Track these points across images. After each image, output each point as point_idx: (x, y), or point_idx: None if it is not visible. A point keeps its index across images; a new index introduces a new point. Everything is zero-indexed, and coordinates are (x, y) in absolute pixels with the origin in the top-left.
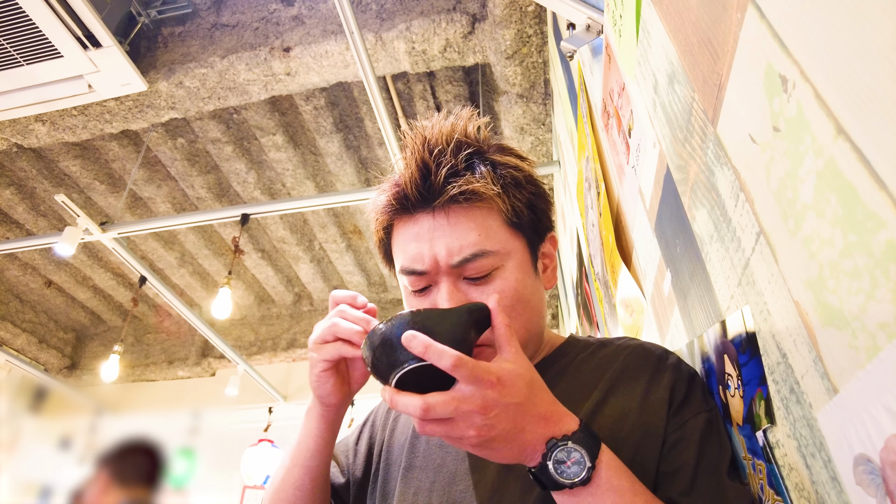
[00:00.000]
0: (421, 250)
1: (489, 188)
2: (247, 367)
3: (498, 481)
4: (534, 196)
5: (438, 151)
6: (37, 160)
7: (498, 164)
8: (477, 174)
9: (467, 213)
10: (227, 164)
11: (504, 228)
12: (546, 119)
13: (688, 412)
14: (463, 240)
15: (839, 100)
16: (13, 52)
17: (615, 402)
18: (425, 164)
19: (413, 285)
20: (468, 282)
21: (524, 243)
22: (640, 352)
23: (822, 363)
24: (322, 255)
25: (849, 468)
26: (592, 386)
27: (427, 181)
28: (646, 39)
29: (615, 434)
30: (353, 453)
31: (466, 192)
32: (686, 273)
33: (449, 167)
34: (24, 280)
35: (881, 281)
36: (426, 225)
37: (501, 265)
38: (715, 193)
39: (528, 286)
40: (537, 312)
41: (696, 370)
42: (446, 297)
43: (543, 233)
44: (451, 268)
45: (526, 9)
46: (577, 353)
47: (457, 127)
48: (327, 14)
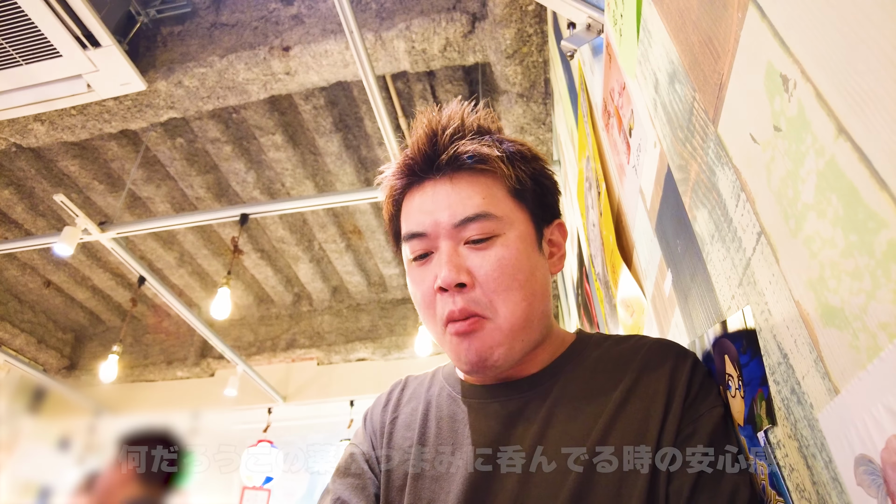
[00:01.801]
0: (423, 212)
1: (494, 151)
2: (246, 368)
3: (518, 488)
4: (539, 173)
5: (447, 120)
6: (35, 160)
7: (505, 139)
8: (484, 141)
9: (472, 177)
10: (226, 164)
11: (508, 199)
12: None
13: (703, 406)
14: (466, 201)
15: (840, 99)
16: (12, 51)
17: (638, 403)
18: (433, 130)
19: (413, 251)
20: (469, 247)
21: (528, 217)
22: (659, 349)
23: (823, 363)
24: (322, 256)
25: (850, 469)
26: (612, 387)
27: (434, 144)
28: (646, 39)
29: (641, 433)
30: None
31: (471, 154)
32: (687, 273)
33: (455, 130)
34: (23, 280)
35: (882, 281)
36: (430, 191)
37: (504, 232)
38: (716, 193)
39: (531, 259)
40: (541, 289)
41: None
42: (445, 260)
43: (549, 214)
44: (452, 228)
45: (526, 8)
46: (591, 351)
47: (466, 110)
48: (327, 13)
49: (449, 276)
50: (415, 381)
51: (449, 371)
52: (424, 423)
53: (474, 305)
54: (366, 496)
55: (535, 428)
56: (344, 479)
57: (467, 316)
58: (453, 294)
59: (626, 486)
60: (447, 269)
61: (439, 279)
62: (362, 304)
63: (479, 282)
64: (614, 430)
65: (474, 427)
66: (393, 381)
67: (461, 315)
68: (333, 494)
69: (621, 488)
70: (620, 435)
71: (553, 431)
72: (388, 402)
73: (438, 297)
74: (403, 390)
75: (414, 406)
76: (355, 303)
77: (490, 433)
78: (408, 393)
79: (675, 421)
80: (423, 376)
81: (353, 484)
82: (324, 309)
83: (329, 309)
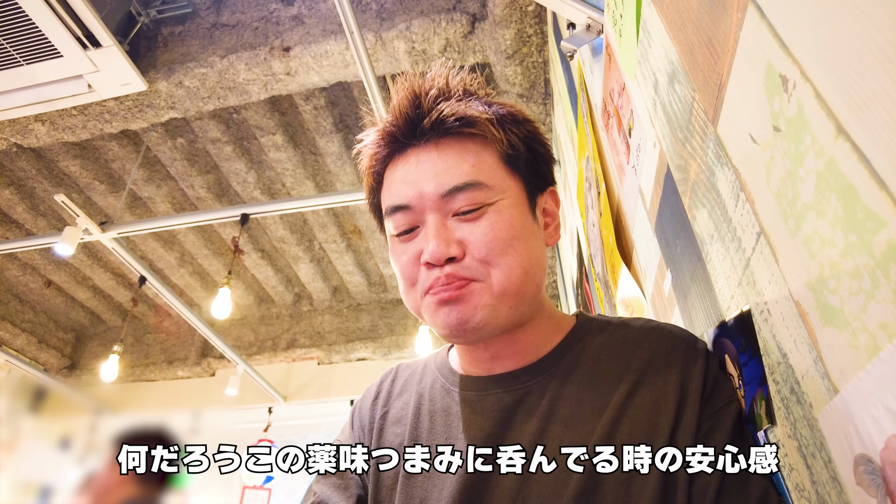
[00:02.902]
0: (407, 183)
1: (483, 114)
2: (246, 368)
3: (519, 486)
4: (531, 137)
5: (431, 82)
6: (36, 160)
7: (494, 102)
8: (471, 103)
9: (460, 143)
10: (226, 164)
11: (500, 166)
12: (546, 119)
13: (720, 400)
14: (454, 168)
15: (840, 99)
16: (13, 51)
17: (647, 394)
18: (415, 92)
19: (397, 226)
20: (458, 219)
21: (521, 186)
22: (668, 337)
23: (823, 363)
24: (322, 255)
25: (849, 468)
26: (618, 378)
27: (417, 107)
28: (646, 39)
29: (652, 426)
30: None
31: (459, 117)
32: (686, 273)
33: (440, 92)
34: (24, 280)
35: (881, 281)
36: (414, 160)
37: (495, 201)
38: (715, 193)
39: (525, 226)
40: (536, 259)
41: None
42: (433, 234)
43: (543, 181)
44: (439, 199)
45: (526, 8)
46: (593, 336)
47: (452, 72)
48: (327, 14)
49: (438, 251)
50: (406, 370)
51: (442, 360)
52: (416, 418)
53: (463, 271)
54: (348, 496)
55: (534, 423)
56: (326, 477)
57: (453, 281)
58: (443, 268)
59: (636, 485)
60: (435, 242)
61: (426, 253)
62: (362, 304)
63: (470, 250)
64: (622, 424)
65: (470, 422)
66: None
67: (447, 280)
68: (314, 495)
69: (630, 487)
70: (628, 430)
71: (554, 427)
72: (377, 396)
73: (423, 270)
74: (394, 381)
75: (406, 399)
76: (356, 303)
77: (486, 429)
78: (399, 384)
79: (693, 417)
80: (415, 365)
81: (335, 483)
82: (324, 309)
83: (329, 309)
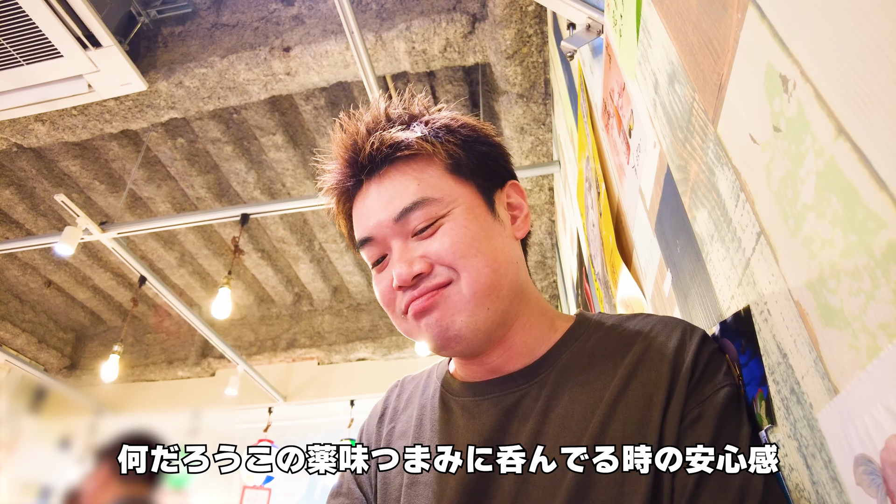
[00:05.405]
0: (365, 217)
1: (412, 134)
2: (246, 368)
3: (515, 490)
4: (471, 140)
5: (369, 122)
6: (36, 160)
7: (430, 121)
8: (403, 127)
9: (402, 167)
10: (226, 164)
11: (446, 177)
12: (546, 119)
13: (708, 388)
14: (402, 192)
15: (840, 100)
16: (13, 51)
17: (640, 389)
18: (351, 136)
19: (370, 257)
20: (417, 238)
21: (473, 189)
22: (663, 329)
23: (823, 363)
24: (322, 255)
25: (849, 468)
26: (612, 373)
27: (354, 149)
28: (646, 39)
29: (643, 422)
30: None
31: (390, 144)
32: (686, 273)
33: (376, 126)
34: (24, 280)
35: (882, 281)
36: (366, 192)
37: (448, 212)
38: (715, 193)
39: (484, 228)
40: (504, 255)
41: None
42: (396, 259)
43: (497, 178)
44: (394, 223)
45: (526, 8)
46: (590, 334)
47: (390, 107)
48: (327, 14)
49: (402, 272)
50: (411, 383)
51: (443, 369)
52: (419, 430)
53: (434, 280)
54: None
55: (530, 425)
56: (335, 499)
57: (425, 292)
58: (414, 287)
59: (629, 482)
60: (398, 266)
61: (395, 279)
62: (363, 304)
63: (434, 261)
64: (613, 421)
65: (468, 427)
66: (391, 383)
67: (419, 294)
68: None
69: (624, 485)
70: (621, 426)
71: (549, 428)
72: (383, 414)
73: (398, 293)
74: (399, 395)
75: (409, 413)
76: (356, 303)
77: (485, 432)
78: (404, 398)
79: (678, 406)
80: (419, 377)
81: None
82: (324, 309)
83: (329, 309)
